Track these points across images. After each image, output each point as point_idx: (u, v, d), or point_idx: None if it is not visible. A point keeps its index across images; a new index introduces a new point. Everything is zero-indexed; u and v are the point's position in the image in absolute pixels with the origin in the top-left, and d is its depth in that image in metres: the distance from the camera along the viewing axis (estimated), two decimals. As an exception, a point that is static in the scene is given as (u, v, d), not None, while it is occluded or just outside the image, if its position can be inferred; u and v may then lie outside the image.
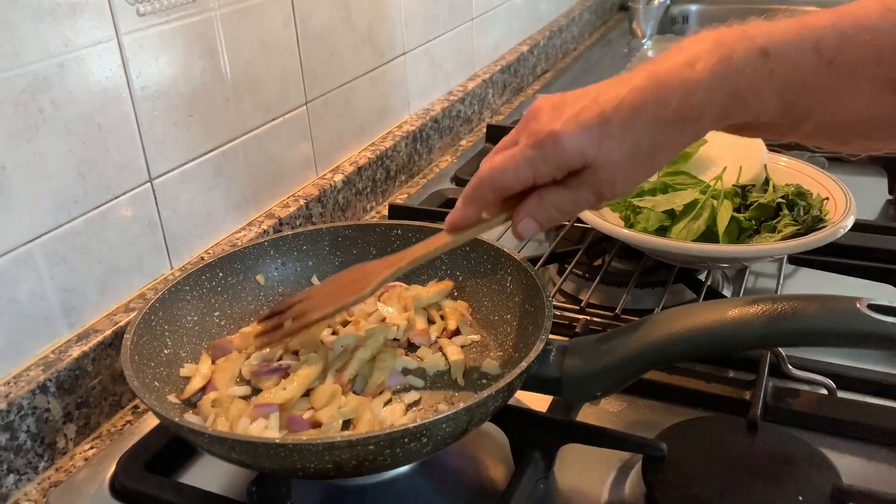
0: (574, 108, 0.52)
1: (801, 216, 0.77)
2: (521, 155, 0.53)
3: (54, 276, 0.69)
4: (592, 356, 0.57)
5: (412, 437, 0.52)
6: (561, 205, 0.55)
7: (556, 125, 0.51)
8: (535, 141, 0.52)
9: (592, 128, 0.51)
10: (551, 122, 0.52)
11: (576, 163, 0.52)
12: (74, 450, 0.70)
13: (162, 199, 0.80)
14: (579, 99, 0.53)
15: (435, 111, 1.30)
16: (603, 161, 0.51)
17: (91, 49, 0.70)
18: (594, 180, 0.53)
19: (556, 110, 0.53)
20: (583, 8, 2.01)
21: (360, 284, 0.63)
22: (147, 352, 0.64)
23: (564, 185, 0.54)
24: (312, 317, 0.63)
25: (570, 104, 0.53)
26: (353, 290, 0.63)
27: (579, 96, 0.53)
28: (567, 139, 0.51)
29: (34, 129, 0.66)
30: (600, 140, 0.51)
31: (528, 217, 0.56)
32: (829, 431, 0.64)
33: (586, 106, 0.52)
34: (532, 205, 0.55)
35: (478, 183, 0.56)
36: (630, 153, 0.51)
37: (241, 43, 0.87)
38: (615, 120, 0.51)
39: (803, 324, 0.49)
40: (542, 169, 0.53)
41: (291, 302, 0.66)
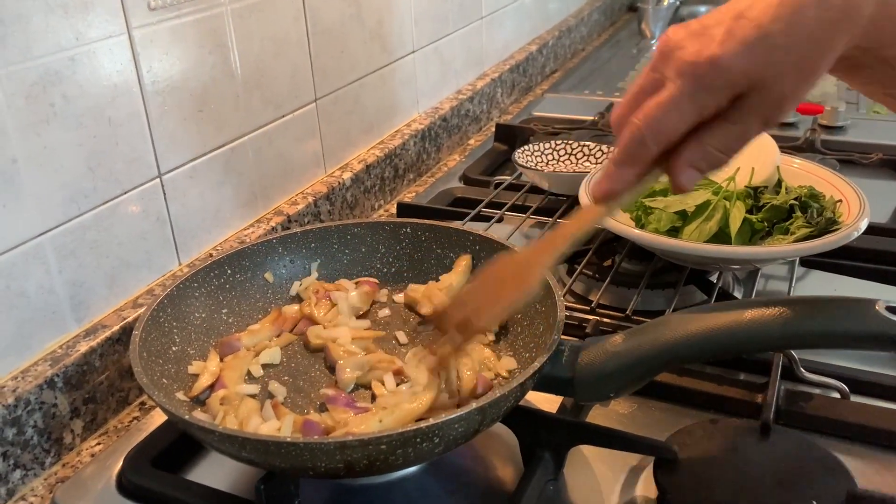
0: (721, 28, 0.47)
1: (814, 218, 0.77)
2: (681, 92, 0.47)
3: (63, 271, 0.69)
4: (606, 357, 0.56)
5: (424, 436, 0.51)
6: (727, 142, 0.49)
7: (712, 49, 0.46)
8: (693, 73, 0.47)
9: (754, 43, 0.46)
10: (705, 47, 0.47)
11: (743, 84, 0.47)
12: (81, 445, 0.69)
13: (171, 195, 0.79)
14: (722, 20, 0.48)
15: (444, 110, 1.29)
16: (772, 77, 0.47)
17: (102, 43, 0.69)
18: (761, 102, 0.48)
19: (702, 36, 0.48)
20: (592, 8, 2.00)
21: (524, 277, 0.57)
22: (155, 348, 0.63)
23: (726, 119, 0.48)
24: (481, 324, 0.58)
25: (713, 27, 0.48)
26: (518, 286, 0.57)
27: (720, 17, 0.48)
28: (730, 60, 0.46)
29: (45, 122, 0.65)
30: (766, 55, 0.46)
31: (689, 167, 0.50)
32: (842, 436, 0.63)
33: (736, 24, 0.47)
34: (692, 151, 0.49)
35: (635, 138, 0.50)
36: (797, 63, 0.47)
37: (251, 38, 0.87)
38: (775, 30, 0.46)
39: (820, 326, 0.48)
40: (707, 101, 0.47)
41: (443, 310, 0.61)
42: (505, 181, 1.09)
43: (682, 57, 0.48)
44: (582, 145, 1.07)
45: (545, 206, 1.01)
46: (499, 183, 1.09)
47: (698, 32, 0.48)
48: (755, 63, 0.47)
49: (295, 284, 0.76)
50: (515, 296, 0.57)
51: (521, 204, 1.02)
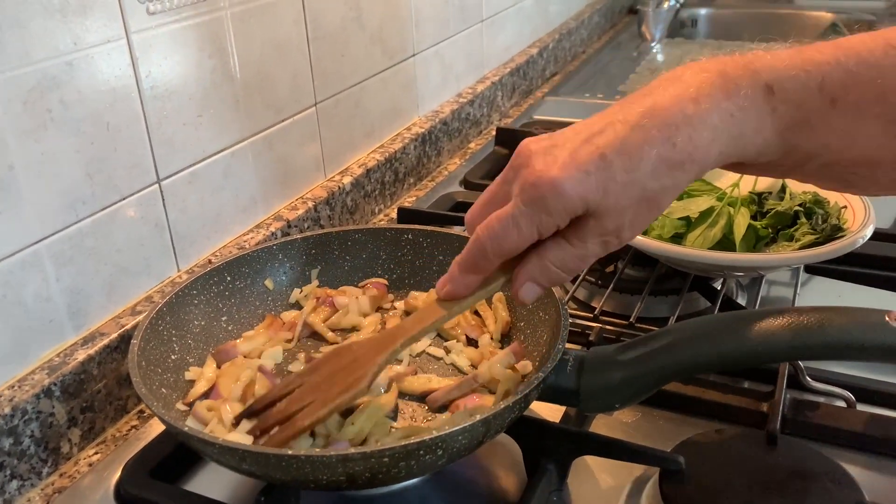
0: (567, 150, 0.47)
1: (819, 225, 0.76)
2: (520, 211, 0.48)
3: (61, 278, 0.68)
4: (611, 367, 0.55)
5: (427, 449, 0.51)
6: (566, 262, 0.50)
7: (553, 171, 0.47)
8: (532, 193, 0.47)
9: (594, 171, 0.46)
10: (547, 168, 0.47)
11: (579, 209, 0.47)
12: (79, 455, 0.68)
13: (170, 201, 0.79)
14: (571, 139, 0.48)
15: (444, 113, 1.28)
16: (608, 207, 0.47)
17: (100, 48, 0.69)
18: (600, 229, 0.48)
19: (549, 155, 0.48)
20: (592, 11, 2.00)
21: (354, 376, 0.55)
22: (154, 357, 0.63)
23: (566, 241, 0.49)
24: (304, 423, 0.54)
25: (561, 146, 0.48)
26: (347, 383, 0.55)
27: (570, 136, 0.49)
28: (568, 185, 0.46)
29: (43, 128, 0.64)
30: (604, 184, 0.46)
31: (529, 281, 0.51)
32: (849, 446, 0.63)
33: (582, 147, 0.47)
34: (532, 267, 0.50)
35: (477, 249, 0.50)
36: (636, 197, 0.47)
37: (251, 42, 0.86)
38: (618, 163, 0.46)
39: (831, 337, 0.47)
40: (544, 222, 0.48)
41: (269, 400, 0.58)
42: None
43: (526, 175, 0.48)
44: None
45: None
46: (500, 187, 1.08)
47: (546, 150, 0.48)
48: (592, 191, 0.47)
49: (295, 292, 0.76)
50: (343, 397, 0.55)
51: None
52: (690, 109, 0.47)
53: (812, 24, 2.15)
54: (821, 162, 0.49)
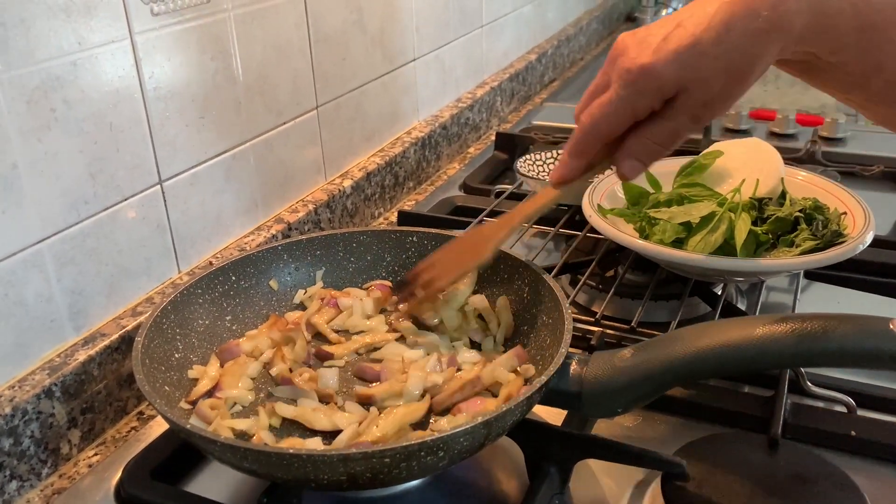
0: (660, 36, 0.52)
1: (819, 231, 0.76)
2: (617, 96, 0.53)
3: (62, 278, 0.68)
4: (614, 371, 0.55)
5: (429, 450, 0.51)
6: (661, 137, 0.55)
7: (645, 57, 0.52)
8: (628, 79, 0.53)
9: (684, 51, 0.51)
10: (640, 55, 0.52)
11: (671, 89, 0.52)
12: (78, 456, 0.68)
13: (171, 202, 0.78)
14: (663, 27, 0.53)
15: (444, 118, 1.29)
16: (699, 82, 0.52)
17: (104, 48, 0.69)
18: (691, 104, 0.53)
19: (642, 43, 0.53)
20: (590, 18, 2.00)
21: (479, 248, 0.66)
22: (158, 356, 0.63)
23: (661, 117, 0.54)
24: (441, 283, 0.67)
25: (655, 35, 0.53)
26: (473, 255, 0.66)
27: (663, 24, 0.53)
28: (661, 68, 0.51)
29: (46, 127, 0.64)
30: (695, 62, 0.51)
31: (629, 157, 0.57)
32: (850, 451, 0.63)
33: (674, 32, 0.52)
34: (632, 144, 0.56)
35: (582, 134, 0.57)
36: (724, 69, 0.51)
37: (253, 45, 0.86)
38: (706, 38, 0.51)
39: (834, 344, 0.48)
40: (640, 103, 0.53)
41: (416, 272, 0.69)
42: (505, 190, 1.08)
43: (621, 63, 0.54)
44: (584, 155, 1.06)
45: (546, 214, 1.00)
46: (499, 192, 1.09)
47: (641, 39, 0.54)
48: (684, 70, 0.51)
49: (299, 293, 0.75)
50: (470, 263, 0.67)
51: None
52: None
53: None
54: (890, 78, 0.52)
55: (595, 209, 0.82)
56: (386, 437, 0.57)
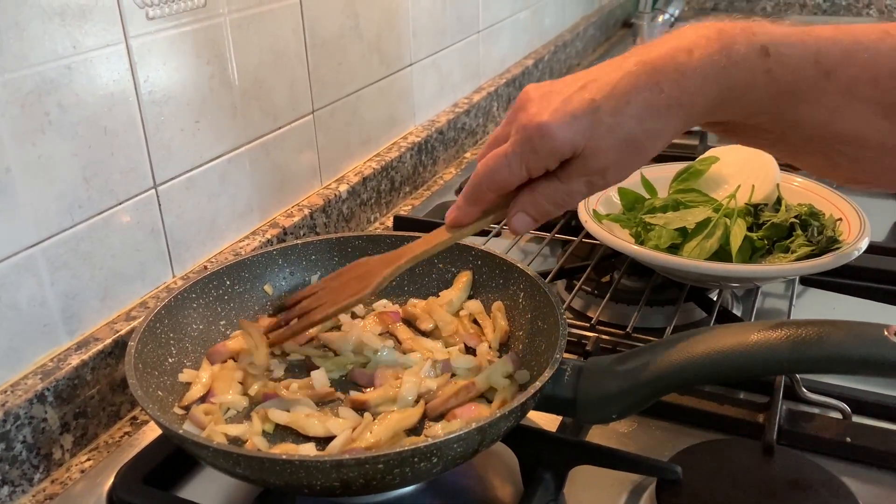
0: (562, 96, 0.51)
1: (814, 237, 0.76)
2: (512, 151, 0.52)
3: (55, 283, 0.68)
4: (609, 377, 0.55)
5: (422, 456, 0.50)
6: (553, 197, 0.54)
7: (543, 116, 0.50)
8: (523, 135, 0.51)
9: (582, 116, 0.50)
10: (539, 112, 0.51)
11: (566, 152, 0.51)
12: (71, 461, 0.68)
13: (166, 206, 0.78)
14: (568, 86, 0.52)
15: (440, 123, 1.29)
16: (593, 149, 0.50)
17: (99, 52, 0.68)
18: (586, 170, 0.52)
19: (544, 100, 0.52)
20: (587, 23, 2.01)
21: (363, 283, 0.64)
22: (151, 360, 0.62)
23: (556, 177, 0.53)
24: (316, 316, 0.64)
25: (557, 92, 0.52)
26: (354, 290, 0.64)
27: (569, 83, 0.52)
28: (556, 129, 0.50)
29: (40, 131, 0.64)
30: (591, 128, 0.50)
31: (520, 212, 0.55)
32: (845, 457, 0.63)
33: (575, 94, 0.51)
34: (524, 199, 0.55)
35: (475, 183, 0.56)
36: (621, 140, 0.50)
37: (249, 49, 0.86)
38: (605, 107, 0.49)
39: (829, 350, 0.47)
40: (533, 162, 0.52)
41: (297, 298, 0.67)
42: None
43: (521, 118, 0.52)
44: (580, 160, 1.06)
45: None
46: (496, 197, 1.08)
47: (544, 94, 0.52)
48: (580, 135, 0.50)
49: (293, 298, 0.75)
50: (350, 300, 0.64)
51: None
52: (682, 58, 0.49)
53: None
54: (808, 133, 0.51)
55: (590, 214, 0.82)
56: (380, 443, 0.57)
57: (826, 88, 0.49)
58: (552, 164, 0.52)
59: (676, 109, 0.50)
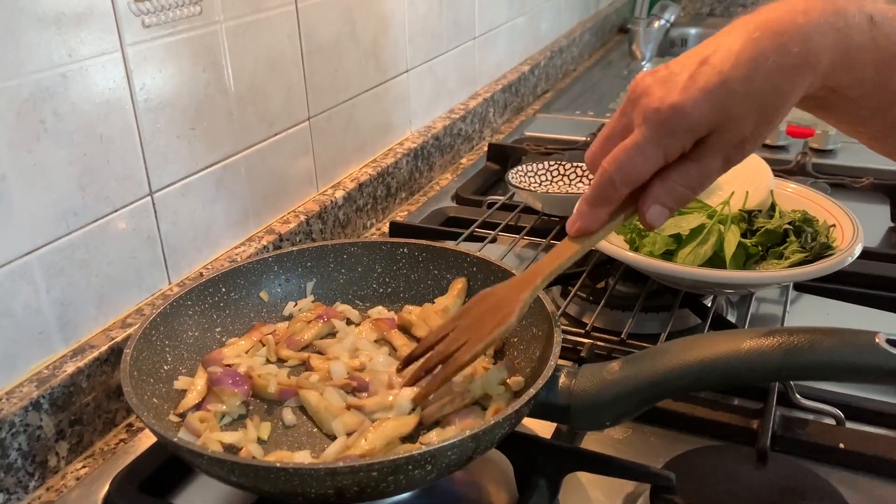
0: (685, 74, 0.50)
1: (808, 243, 0.77)
2: (645, 138, 0.50)
3: (51, 290, 0.68)
4: (603, 384, 0.55)
5: (416, 463, 0.51)
6: (690, 180, 0.52)
7: (674, 96, 0.49)
8: (657, 120, 0.50)
9: (714, 90, 0.49)
10: (668, 94, 0.50)
11: (703, 129, 0.50)
12: (66, 469, 0.68)
13: (162, 213, 0.78)
14: (687, 65, 0.51)
15: (436, 129, 1.29)
16: (730, 121, 0.50)
17: (95, 60, 0.69)
18: (722, 144, 0.51)
19: (667, 82, 0.50)
20: (583, 29, 2.01)
21: (503, 312, 0.59)
22: (147, 368, 0.62)
23: (688, 159, 0.51)
24: (464, 357, 0.58)
25: (678, 73, 0.50)
26: (497, 321, 0.59)
27: (685, 63, 0.51)
28: (691, 107, 0.49)
29: (35, 139, 0.64)
30: (726, 100, 0.49)
31: (656, 204, 0.53)
32: (838, 463, 0.63)
33: (699, 70, 0.50)
34: (658, 189, 0.52)
35: (606, 181, 0.53)
36: (756, 107, 0.49)
37: (245, 56, 0.86)
38: (735, 76, 0.49)
39: (820, 357, 0.48)
40: (671, 146, 0.50)
41: (428, 343, 0.62)
42: (497, 201, 1.08)
43: (647, 104, 0.50)
44: (575, 166, 1.07)
45: (538, 226, 1.00)
46: (491, 203, 1.09)
47: (664, 78, 0.51)
48: (715, 109, 0.49)
49: (289, 304, 0.75)
50: (496, 332, 0.59)
51: (514, 224, 1.02)
52: (801, 19, 0.49)
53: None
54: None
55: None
56: (374, 450, 0.57)
57: None
58: (689, 144, 0.51)
59: (804, 69, 0.49)
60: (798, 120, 1.47)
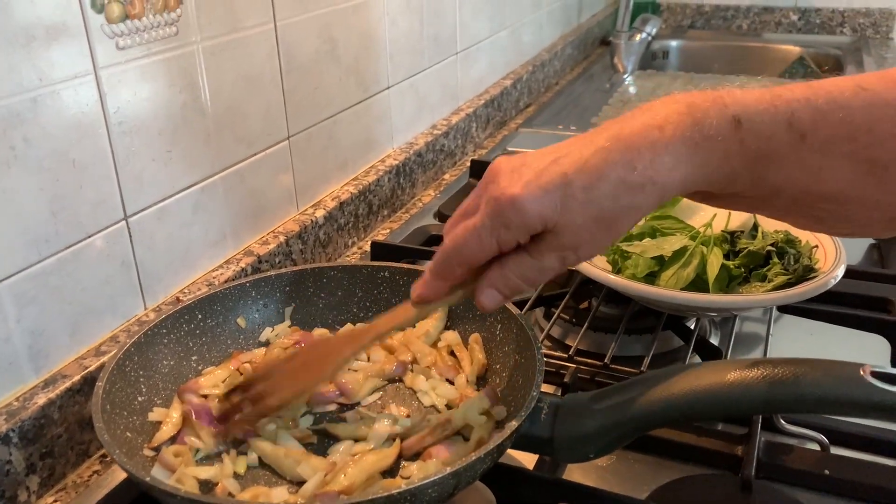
0: (533, 169, 0.50)
1: (791, 265, 0.76)
2: (482, 224, 0.50)
3: (21, 319, 0.66)
4: (586, 416, 0.55)
5: (396, 502, 0.49)
6: (524, 273, 0.52)
7: (515, 189, 0.49)
8: (494, 208, 0.50)
9: (554, 190, 0.48)
10: (511, 185, 0.49)
11: (538, 226, 0.49)
12: (37, 503, 0.66)
13: (137, 237, 0.77)
14: (539, 160, 0.50)
15: (419, 145, 1.28)
16: (566, 225, 0.49)
17: (67, 83, 0.67)
18: (557, 245, 0.50)
19: (516, 173, 0.50)
20: (565, 43, 2.01)
21: (322, 365, 0.61)
22: (120, 400, 0.61)
23: (527, 252, 0.51)
24: (272, 402, 0.60)
25: (529, 166, 0.50)
26: (314, 373, 0.61)
27: (539, 157, 0.51)
28: (528, 203, 0.48)
29: (5, 165, 0.63)
30: (563, 202, 0.48)
31: (490, 288, 0.53)
32: (824, 490, 0.62)
33: (547, 167, 0.49)
34: (494, 275, 0.53)
35: (443, 257, 0.54)
36: (594, 216, 0.49)
37: (223, 76, 0.85)
38: (578, 182, 0.48)
39: (805, 390, 0.47)
40: (504, 236, 0.50)
41: (248, 382, 0.62)
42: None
43: (492, 190, 0.51)
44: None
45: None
46: (474, 221, 1.08)
47: (516, 167, 0.51)
48: (552, 209, 0.49)
49: (266, 330, 0.74)
50: (309, 382, 0.61)
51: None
52: (655, 135, 0.48)
53: (780, 58, 2.19)
54: (789, 196, 0.50)
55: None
56: (354, 485, 0.55)
57: (803, 151, 0.48)
58: (523, 238, 0.50)
59: (650, 187, 0.48)
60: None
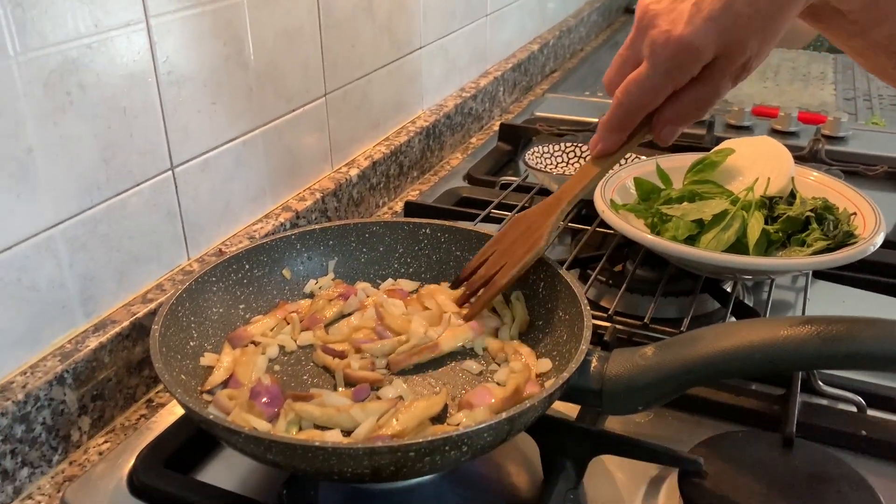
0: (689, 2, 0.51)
1: (831, 231, 0.77)
2: (654, 70, 0.53)
3: (74, 264, 0.67)
4: (636, 370, 0.55)
5: (453, 444, 0.51)
6: (700, 101, 0.55)
7: (680, 28, 0.51)
8: (665, 54, 0.52)
9: (720, 16, 0.50)
10: (674, 26, 0.51)
11: (710, 57, 0.52)
12: (88, 443, 0.68)
13: (182, 188, 0.78)
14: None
15: (448, 107, 1.28)
16: (737, 45, 0.51)
17: (120, 31, 0.67)
18: (730, 66, 0.53)
19: (673, 11, 0.52)
20: (591, 9, 2.00)
21: (532, 238, 0.66)
22: (174, 344, 0.62)
23: (699, 81, 0.54)
24: (502, 280, 0.66)
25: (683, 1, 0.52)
26: (528, 246, 0.66)
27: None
28: (698, 39, 0.51)
29: (61, 111, 0.63)
30: (731, 25, 0.50)
31: (668, 124, 0.57)
32: (861, 450, 0.63)
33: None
34: (669, 112, 0.57)
35: (622, 110, 0.57)
36: (760, 27, 0.51)
37: (265, 30, 0.85)
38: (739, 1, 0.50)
39: (860, 347, 0.48)
40: (679, 77, 0.53)
41: (471, 269, 0.69)
42: (511, 182, 1.08)
43: (653, 36, 0.53)
44: (590, 148, 1.06)
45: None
46: (505, 184, 1.08)
47: (669, 8, 0.52)
48: (721, 36, 0.51)
49: (310, 282, 0.75)
50: (527, 257, 0.65)
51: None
52: None
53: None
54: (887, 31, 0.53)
55: (608, 204, 0.82)
56: (406, 430, 0.57)
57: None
58: (697, 72, 0.53)
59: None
60: (807, 106, 1.48)
